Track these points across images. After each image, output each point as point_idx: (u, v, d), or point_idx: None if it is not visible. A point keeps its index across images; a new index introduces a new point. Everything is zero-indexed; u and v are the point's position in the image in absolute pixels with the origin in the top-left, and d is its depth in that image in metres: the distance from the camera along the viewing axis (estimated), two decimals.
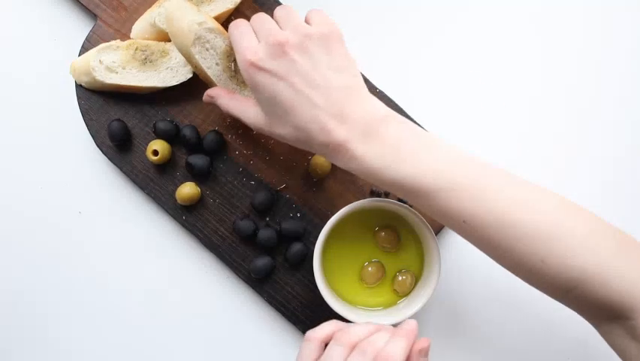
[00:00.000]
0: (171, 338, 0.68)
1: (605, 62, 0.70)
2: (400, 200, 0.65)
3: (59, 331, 0.67)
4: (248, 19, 0.66)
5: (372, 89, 0.66)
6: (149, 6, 0.65)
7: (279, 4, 0.66)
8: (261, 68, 0.51)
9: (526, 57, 0.70)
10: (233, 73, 0.60)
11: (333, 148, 0.51)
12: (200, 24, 0.56)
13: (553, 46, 0.70)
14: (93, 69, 0.62)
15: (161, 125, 0.64)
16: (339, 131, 0.50)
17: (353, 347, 0.48)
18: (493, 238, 0.50)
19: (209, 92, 0.59)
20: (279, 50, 0.50)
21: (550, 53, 0.70)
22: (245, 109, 0.56)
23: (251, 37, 0.53)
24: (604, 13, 0.71)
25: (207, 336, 0.68)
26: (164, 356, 0.68)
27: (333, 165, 0.66)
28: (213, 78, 0.59)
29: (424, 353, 0.49)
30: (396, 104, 0.66)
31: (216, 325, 0.68)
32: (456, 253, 0.68)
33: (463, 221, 0.50)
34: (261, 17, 0.54)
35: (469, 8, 0.70)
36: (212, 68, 0.58)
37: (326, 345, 0.50)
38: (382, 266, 0.63)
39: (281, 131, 0.53)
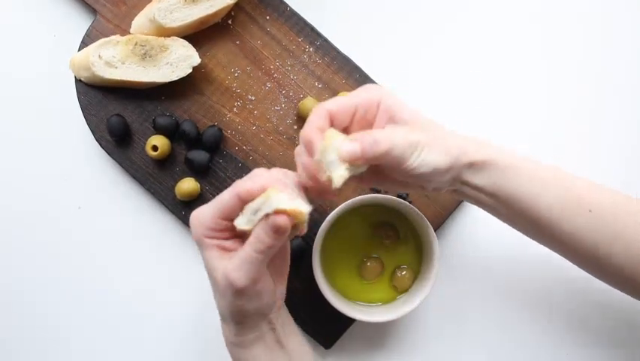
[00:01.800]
0: (169, 331, 0.68)
1: (608, 61, 0.71)
2: (399, 195, 0.65)
3: (59, 325, 0.67)
4: (249, 17, 0.66)
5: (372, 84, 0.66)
6: (149, 1, 0.65)
7: (281, 0, 0.66)
8: None
9: (526, 55, 0.70)
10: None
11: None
12: None
13: (554, 43, 0.70)
14: (92, 64, 0.62)
15: (161, 120, 0.64)
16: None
17: None
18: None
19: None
20: None
21: (551, 50, 0.70)
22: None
23: None
24: (604, 12, 0.71)
25: (206, 331, 0.68)
26: (164, 349, 0.68)
27: None
28: None
29: None
30: None
31: (215, 320, 0.68)
32: (455, 249, 0.68)
33: (589, 210, 0.50)
34: None
35: (468, 7, 0.70)
36: None
37: None
38: (381, 262, 0.63)
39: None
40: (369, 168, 0.48)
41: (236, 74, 0.66)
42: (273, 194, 0.44)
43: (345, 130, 0.49)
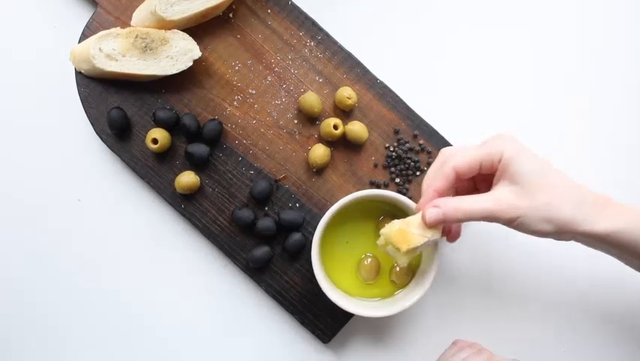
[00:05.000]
0: (169, 326, 0.68)
1: (613, 63, 0.71)
2: (399, 191, 0.65)
3: (58, 317, 0.68)
4: (250, 10, 0.66)
5: (374, 80, 0.66)
6: None
7: None
8: None
9: (527, 52, 0.70)
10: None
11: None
12: None
13: (554, 40, 0.70)
14: (93, 57, 0.62)
15: (161, 113, 0.64)
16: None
17: None
18: None
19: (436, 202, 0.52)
20: None
21: (551, 47, 0.70)
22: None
23: None
24: (603, 11, 0.71)
25: (205, 325, 0.68)
26: (162, 342, 0.68)
27: (332, 156, 0.66)
28: None
29: None
30: (397, 96, 0.66)
31: (214, 314, 0.68)
32: (453, 245, 0.68)
33: None
34: None
35: (469, 6, 0.70)
36: None
37: None
38: (377, 262, 0.63)
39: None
40: None
41: (236, 68, 0.66)
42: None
43: (472, 180, 0.56)
